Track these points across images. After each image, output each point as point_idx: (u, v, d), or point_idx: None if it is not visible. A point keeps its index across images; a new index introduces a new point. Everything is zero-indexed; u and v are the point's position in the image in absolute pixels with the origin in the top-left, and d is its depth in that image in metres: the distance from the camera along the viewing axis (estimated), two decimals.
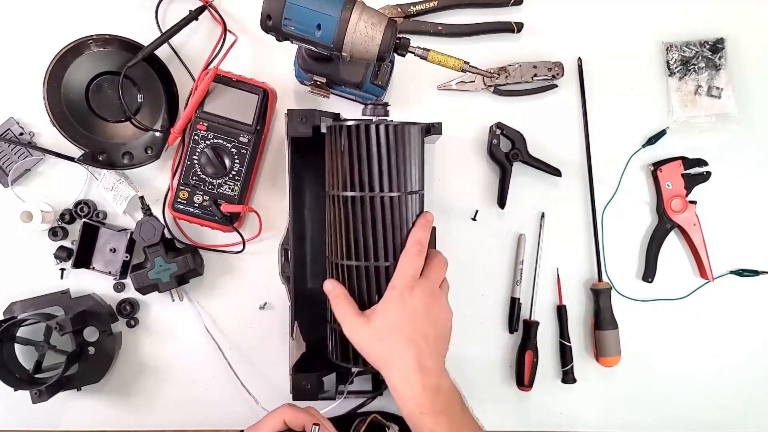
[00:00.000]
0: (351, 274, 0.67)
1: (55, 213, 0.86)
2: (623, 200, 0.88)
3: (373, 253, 0.66)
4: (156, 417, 0.87)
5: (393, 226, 0.66)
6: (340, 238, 0.68)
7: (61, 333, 0.79)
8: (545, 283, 0.88)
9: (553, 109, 0.88)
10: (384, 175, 0.65)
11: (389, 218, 0.66)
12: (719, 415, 0.89)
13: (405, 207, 0.67)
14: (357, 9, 0.64)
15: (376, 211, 0.66)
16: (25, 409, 0.83)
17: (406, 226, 0.67)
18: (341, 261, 0.68)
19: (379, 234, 0.66)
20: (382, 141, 0.65)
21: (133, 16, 0.87)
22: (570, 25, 0.89)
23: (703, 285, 0.88)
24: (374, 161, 0.65)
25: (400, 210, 0.67)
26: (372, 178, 0.65)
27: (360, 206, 0.66)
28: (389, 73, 0.81)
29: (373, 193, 0.65)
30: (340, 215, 0.67)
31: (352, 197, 0.66)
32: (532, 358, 0.85)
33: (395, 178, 0.66)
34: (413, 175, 0.68)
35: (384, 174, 0.65)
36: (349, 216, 0.66)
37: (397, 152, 0.66)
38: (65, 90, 0.80)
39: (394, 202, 0.66)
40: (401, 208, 0.67)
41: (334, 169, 0.68)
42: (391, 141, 0.66)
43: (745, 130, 0.88)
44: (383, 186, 0.66)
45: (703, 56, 0.88)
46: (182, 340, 0.87)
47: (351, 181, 0.66)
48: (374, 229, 0.66)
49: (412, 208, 0.68)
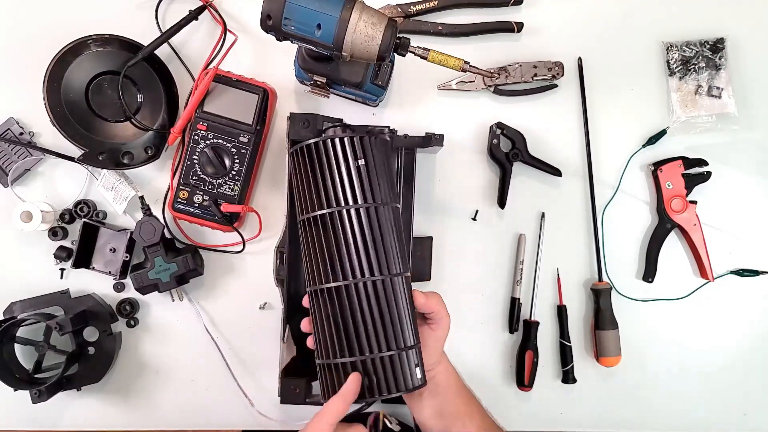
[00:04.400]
0: (331, 296, 0.61)
1: (55, 213, 0.86)
2: (623, 200, 0.88)
3: (353, 270, 0.61)
4: (155, 417, 0.87)
5: (374, 240, 0.61)
6: (316, 261, 0.62)
7: (61, 333, 0.79)
8: (545, 283, 0.88)
9: (553, 109, 0.88)
10: (348, 193, 0.61)
11: (362, 234, 0.61)
12: (719, 415, 0.89)
13: (378, 219, 0.62)
14: (357, 9, 0.64)
15: (345, 227, 0.61)
16: (25, 409, 0.83)
17: (381, 239, 0.62)
18: (320, 286, 0.62)
19: (352, 251, 0.61)
20: (339, 155, 0.61)
21: (133, 16, 0.87)
22: (570, 25, 0.89)
23: (703, 285, 0.88)
24: (336, 179, 0.61)
25: (371, 223, 0.61)
26: (337, 195, 0.61)
27: (330, 223, 0.61)
28: (389, 73, 0.81)
29: (340, 207, 0.61)
30: (312, 236, 0.63)
31: (321, 215, 0.62)
32: (533, 358, 0.85)
33: (364, 192, 0.61)
34: (382, 187, 0.63)
35: (347, 191, 0.61)
36: (321, 235, 0.62)
37: (358, 166, 0.62)
38: (65, 90, 0.80)
39: (363, 214, 0.61)
40: (371, 221, 0.61)
41: (299, 192, 0.64)
42: (349, 153, 0.62)
43: (746, 130, 0.88)
44: (347, 200, 0.61)
45: (703, 56, 0.87)
46: (182, 340, 0.87)
47: (318, 201, 0.62)
48: (348, 247, 0.61)
49: (385, 220, 0.63)
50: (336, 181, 0.61)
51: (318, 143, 0.62)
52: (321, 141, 0.62)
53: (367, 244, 0.61)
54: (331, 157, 0.62)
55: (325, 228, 0.61)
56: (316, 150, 0.62)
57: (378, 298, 0.60)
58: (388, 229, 0.62)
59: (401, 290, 0.62)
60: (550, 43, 0.88)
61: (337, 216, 0.61)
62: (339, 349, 0.61)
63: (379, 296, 0.60)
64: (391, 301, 0.61)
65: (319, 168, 0.62)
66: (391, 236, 0.62)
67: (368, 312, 0.60)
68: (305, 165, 0.63)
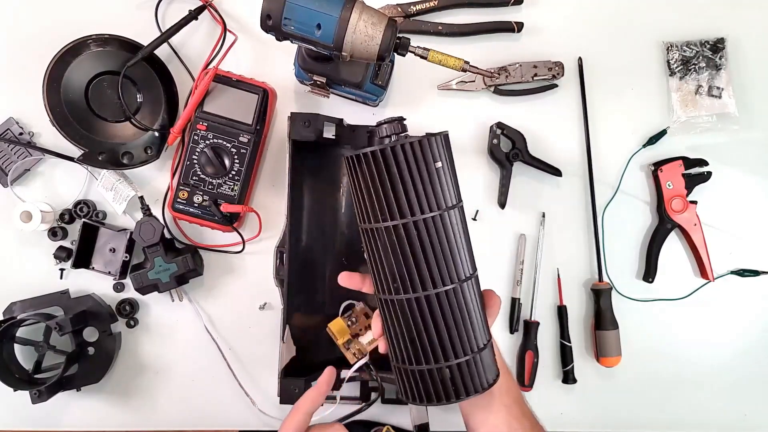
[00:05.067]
0: (405, 306, 0.57)
1: (55, 213, 0.86)
2: (624, 200, 0.88)
3: (434, 279, 0.57)
4: (155, 417, 0.87)
5: (442, 248, 0.57)
6: (390, 271, 0.57)
7: (60, 333, 0.79)
8: (546, 283, 0.88)
9: (553, 108, 0.88)
10: (429, 198, 0.56)
11: (434, 241, 0.56)
12: (719, 415, 0.89)
13: (452, 223, 0.57)
14: (357, 8, 0.64)
15: (422, 234, 0.56)
16: (24, 410, 0.83)
17: (455, 243, 0.57)
18: (394, 296, 0.57)
19: (421, 261, 0.56)
20: (410, 161, 0.55)
21: (133, 16, 0.87)
22: (570, 24, 0.89)
23: (703, 285, 0.88)
24: (417, 184, 0.55)
25: (445, 229, 0.57)
26: (419, 201, 0.55)
27: (404, 232, 0.55)
28: (389, 73, 0.81)
29: (416, 218, 0.55)
30: (385, 246, 0.57)
31: (394, 226, 0.56)
32: (533, 358, 0.85)
33: (444, 195, 0.57)
34: (454, 186, 0.59)
35: (429, 196, 0.56)
36: (395, 245, 0.56)
37: (428, 170, 0.56)
38: (65, 90, 0.80)
39: (436, 222, 0.56)
40: (446, 227, 0.57)
41: (364, 199, 0.58)
42: (419, 159, 0.56)
43: (746, 130, 0.88)
44: (423, 208, 0.55)
45: (703, 56, 0.87)
46: (182, 340, 0.87)
47: (390, 209, 0.56)
48: (426, 255, 0.56)
49: (457, 222, 0.58)
50: (418, 186, 0.55)
51: (389, 149, 0.55)
52: (391, 147, 0.55)
53: (445, 250, 0.56)
54: (409, 161, 0.55)
55: (399, 237, 0.56)
56: (387, 156, 0.55)
57: (452, 307, 0.57)
58: (460, 231, 0.58)
59: (472, 294, 0.59)
60: (550, 43, 0.88)
61: (414, 225, 0.55)
62: (415, 358, 0.58)
63: (452, 305, 0.57)
64: (463, 308, 0.58)
65: (391, 174, 0.55)
66: (463, 238, 0.59)
67: (442, 322, 0.57)
68: (372, 172, 0.55)
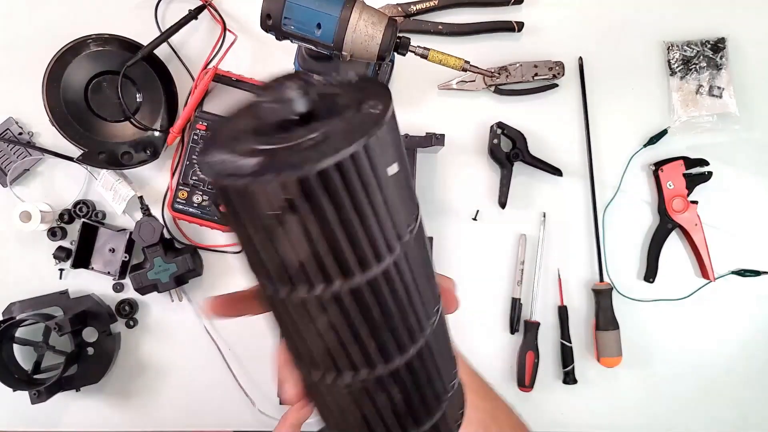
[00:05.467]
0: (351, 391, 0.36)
1: (54, 213, 0.86)
2: (624, 200, 0.88)
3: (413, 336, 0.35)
4: (155, 417, 0.87)
5: (409, 299, 0.33)
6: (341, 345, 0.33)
7: (60, 333, 0.79)
8: (546, 284, 0.87)
9: (553, 108, 0.88)
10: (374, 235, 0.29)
11: (399, 293, 0.32)
12: (720, 416, 0.89)
13: (423, 245, 0.35)
14: (357, 8, 0.64)
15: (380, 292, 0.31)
16: (24, 410, 0.82)
17: (412, 292, 0.33)
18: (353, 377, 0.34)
19: (381, 326, 0.32)
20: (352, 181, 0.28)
21: (133, 16, 0.86)
22: (571, 24, 0.88)
23: (704, 285, 0.88)
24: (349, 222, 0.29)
25: (409, 272, 0.32)
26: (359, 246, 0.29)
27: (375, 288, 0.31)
28: (389, 72, 0.80)
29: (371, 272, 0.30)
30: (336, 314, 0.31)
31: (369, 281, 0.30)
32: (533, 358, 0.85)
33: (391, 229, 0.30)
34: (407, 202, 0.33)
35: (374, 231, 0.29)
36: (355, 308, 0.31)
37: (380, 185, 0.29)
38: (64, 90, 0.80)
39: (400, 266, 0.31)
40: (405, 270, 0.32)
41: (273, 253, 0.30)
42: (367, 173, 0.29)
43: (747, 130, 0.88)
44: (379, 252, 0.30)
45: (704, 56, 0.87)
46: (181, 340, 0.87)
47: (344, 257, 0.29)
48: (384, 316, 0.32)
49: (426, 242, 0.36)
50: (378, 213, 0.28)
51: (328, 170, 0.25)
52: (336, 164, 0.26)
53: (407, 304, 0.33)
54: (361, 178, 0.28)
55: (361, 297, 0.30)
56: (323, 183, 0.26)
57: (417, 376, 0.36)
58: (423, 260, 0.35)
59: (439, 340, 0.39)
60: (551, 42, 0.88)
61: (393, 268, 0.30)
62: None
63: (417, 373, 0.36)
64: (430, 367, 0.37)
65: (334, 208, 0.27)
66: (425, 269, 0.35)
67: (402, 397, 0.37)
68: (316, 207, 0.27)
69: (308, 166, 0.24)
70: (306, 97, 0.27)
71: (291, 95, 0.27)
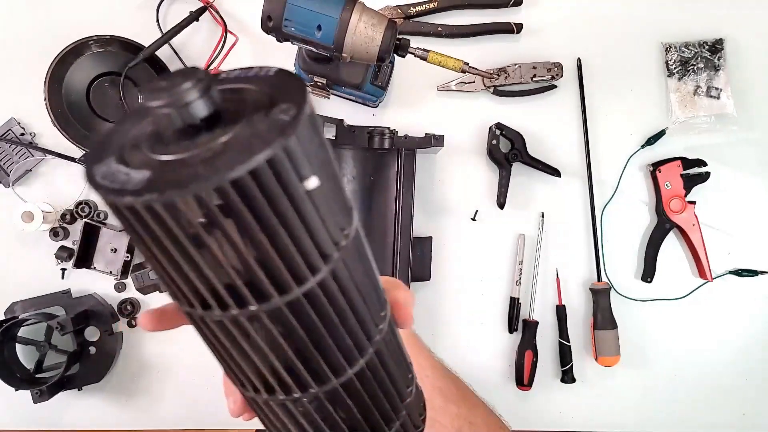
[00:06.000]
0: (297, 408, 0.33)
1: (56, 213, 0.86)
2: (622, 200, 0.88)
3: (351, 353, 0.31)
4: (157, 417, 0.88)
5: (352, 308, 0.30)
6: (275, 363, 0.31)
7: (62, 333, 0.79)
8: (545, 283, 0.88)
9: (552, 109, 0.88)
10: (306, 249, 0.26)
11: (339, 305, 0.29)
12: (718, 415, 0.89)
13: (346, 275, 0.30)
14: (357, 10, 0.64)
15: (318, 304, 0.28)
16: (26, 409, 0.83)
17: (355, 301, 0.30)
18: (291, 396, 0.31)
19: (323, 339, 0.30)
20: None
21: (134, 17, 0.87)
22: (569, 25, 0.89)
23: (702, 285, 0.89)
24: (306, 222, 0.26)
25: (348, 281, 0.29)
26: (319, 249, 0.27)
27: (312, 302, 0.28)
28: (389, 74, 0.81)
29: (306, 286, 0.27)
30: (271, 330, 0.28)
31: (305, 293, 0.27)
32: (532, 357, 0.86)
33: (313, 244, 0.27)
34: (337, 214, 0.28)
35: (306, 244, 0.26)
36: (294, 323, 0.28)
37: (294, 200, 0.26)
38: (66, 90, 0.80)
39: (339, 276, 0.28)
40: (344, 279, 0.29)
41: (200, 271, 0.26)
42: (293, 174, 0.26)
43: (744, 131, 0.89)
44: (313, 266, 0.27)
45: (702, 57, 0.88)
46: (183, 339, 0.87)
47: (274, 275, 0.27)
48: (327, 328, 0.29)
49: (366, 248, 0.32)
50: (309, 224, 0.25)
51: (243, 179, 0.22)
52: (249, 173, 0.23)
53: (350, 314, 0.30)
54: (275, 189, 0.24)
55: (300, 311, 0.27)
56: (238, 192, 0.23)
57: (367, 387, 0.33)
58: (364, 266, 0.31)
59: (391, 348, 0.35)
60: (550, 44, 0.88)
61: (331, 278, 0.27)
62: None
63: (368, 385, 0.33)
64: (382, 378, 0.34)
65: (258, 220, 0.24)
66: (369, 275, 0.32)
67: (357, 409, 0.34)
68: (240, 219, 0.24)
69: (195, 184, 0.21)
70: (206, 99, 0.23)
71: (187, 98, 0.23)
